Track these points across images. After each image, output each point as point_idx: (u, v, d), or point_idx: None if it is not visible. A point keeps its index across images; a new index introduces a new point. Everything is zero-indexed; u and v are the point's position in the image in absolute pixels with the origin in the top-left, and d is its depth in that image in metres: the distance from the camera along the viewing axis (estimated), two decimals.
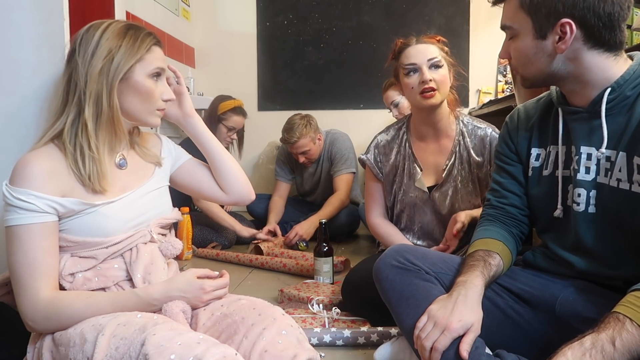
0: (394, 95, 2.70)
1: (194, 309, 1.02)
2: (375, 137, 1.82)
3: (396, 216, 1.79)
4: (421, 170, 1.71)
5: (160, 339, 0.79)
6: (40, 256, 0.94)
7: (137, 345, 0.80)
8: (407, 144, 1.75)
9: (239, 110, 2.87)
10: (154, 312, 0.97)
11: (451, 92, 1.68)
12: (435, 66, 1.59)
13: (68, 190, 0.98)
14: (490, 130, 1.68)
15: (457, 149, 1.68)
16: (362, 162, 1.81)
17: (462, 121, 1.71)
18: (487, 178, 1.66)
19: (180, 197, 1.35)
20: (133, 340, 0.81)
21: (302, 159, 2.98)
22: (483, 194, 1.67)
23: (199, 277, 1.03)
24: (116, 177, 1.06)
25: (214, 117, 2.82)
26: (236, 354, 0.81)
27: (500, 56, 1.12)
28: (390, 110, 2.81)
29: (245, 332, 0.91)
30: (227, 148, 2.93)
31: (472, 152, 1.67)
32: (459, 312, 0.98)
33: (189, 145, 2.87)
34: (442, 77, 1.60)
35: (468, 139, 1.68)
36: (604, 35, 0.97)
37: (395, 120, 2.77)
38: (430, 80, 1.57)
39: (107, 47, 1.00)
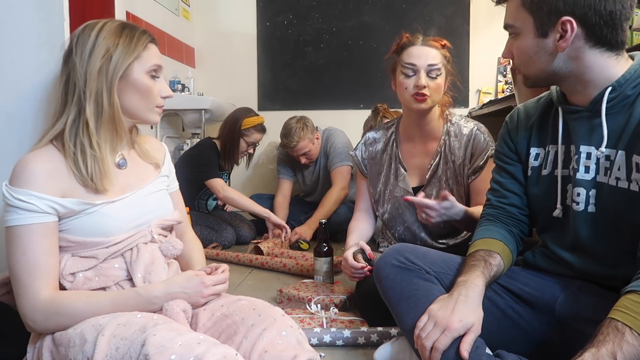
0: None
1: (195, 307, 1.02)
2: (366, 134, 1.86)
3: (381, 215, 1.82)
4: (405, 170, 1.73)
5: (161, 339, 0.79)
6: (40, 256, 0.94)
7: (138, 346, 0.80)
8: (394, 144, 1.77)
9: (261, 128, 2.94)
10: (154, 312, 0.97)
11: (444, 95, 1.68)
12: (433, 74, 1.59)
13: (68, 191, 0.98)
14: (475, 129, 1.68)
15: (442, 148, 1.69)
16: (353, 159, 1.87)
17: (450, 121, 1.71)
18: (469, 177, 1.66)
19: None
20: (133, 341, 0.81)
21: (303, 160, 3.02)
22: (468, 194, 1.68)
23: (197, 275, 1.03)
24: (116, 177, 1.06)
25: (236, 130, 2.85)
26: (236, 354, 0.81)
27: (503, 56, 1.11)
28: None
29: (245, 333, 0.91)
30: (242, 158, 2.97)
31: (457, 151, 1.67)
32: (460, 312, 0.98)
33: (185, 163, 2.84)
34: (437, 85, 1.60)
35: (454, 139, 1.68)
36: (606, 33, 0.96)
37: None
38: (425, 86, 1.57)
39: (104, 46, 1.00)
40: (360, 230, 1.79)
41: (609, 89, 0.99)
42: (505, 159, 1.23)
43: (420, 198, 1.40)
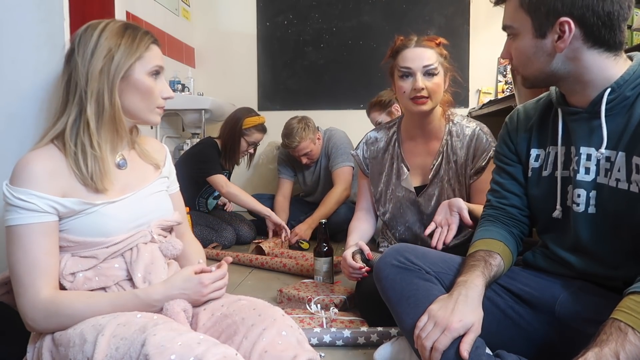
0: (377, 116, 2.80)
1: (195, 306, 1.02)
2: (367, 134, 1.85)
3: (382, 215, 1.81)
4: (408, 170, 1.72)
5: (161, 339, 0.79)
6: (40, 255, 0.94)
7: (138, 346, 0.80)
8: (396, 144, 1.76)
9: (262, 128, 2.94)
10: (154, 312, 0.97)
11: (445, 94, 1.67)
12: (430, 74, 1.58)
13: (69, 191, 0.98)
14: (477, 129, 1.67)
15: (445, 148, 1.68)
16: (354, 158, 1.86)
17: (452, 121, 1.70)
18: (471, 177, 1.66)
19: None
20: (133, 341, 0.81)
21: (304, 160, 3.02)
22: (469, 194, 1.67)
23: (196, 273, 1.03)
24: (116, 177, 1.06)
25: (236, 130, 2.85)
26: (236, 354, 0.81)
27: (502, 56, 1.11)
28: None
29: (245, 333, 0.91)
30: (243, 158, 2.98)
31: (459, 151, 1.67)
32: (460, 312, 0.98)
33: (186, 161, 2.84)
34: (436, 85, 1.59)
35: (456, 139, 1.67)
36: (604, 34, 0.96)
37: None
38: (423, 88, 1.56)
39: (106, 46, 1.00)
40: (360, 230, 1.79)
41: (608, 90, 0.99)
42: (506, 160, 1.23)
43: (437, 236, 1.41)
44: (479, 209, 1.49)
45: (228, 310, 0.99)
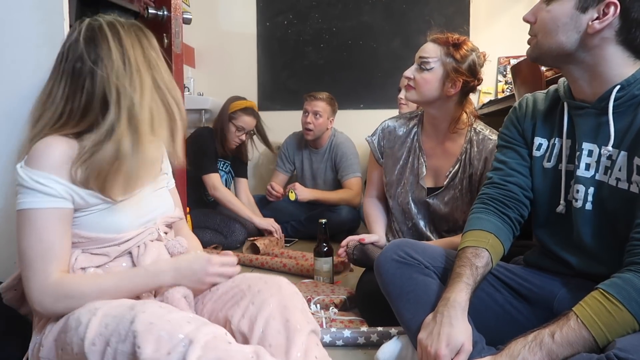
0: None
1: (198, 292, 1.03)
2: (384, 121, 1.82)
3: (392, 209, 1.79)
4: (426, 168, 1.70)
5: (150, 316, 0.78)
6: (56, 240, 0.92)
7: (127, 323, 0.79)
8: (416, 137, 1.73)
9: (250, 111, 2.91)
10: (156, 294, 0.99)
11: (467, 102, 1.66)
12: (422, 67, 1.59)
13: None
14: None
15: (463, 157, 1.65)
16: (368, 144, 1.83)
17: (475, 129, 1.66)
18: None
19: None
20: (122, 318, 0.80)
21: (308, 119, 3.02)
22: None
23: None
24: None
25: (224, 116, 2.88)
26: (226, 333, 0.81)
27: (525, 17, 1.07)
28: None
29: (252, 298, 0.94)
30: (239, 147, 2.96)
31: (475, 162, 1.63)
32: (446, 336, 0.97)
33: (187, 160, 2.77)
34: (422, 79, 1.59)
35: (475, 149, 1.63)
36: (637, 36, 0.96)
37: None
38: (410, 78, 1.60)
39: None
40: (382, 218, 1.81)
41: (617, 87, 0.99)
42: (513, 141, 1.21)
43: None
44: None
45: (234, 283, 1.02)
